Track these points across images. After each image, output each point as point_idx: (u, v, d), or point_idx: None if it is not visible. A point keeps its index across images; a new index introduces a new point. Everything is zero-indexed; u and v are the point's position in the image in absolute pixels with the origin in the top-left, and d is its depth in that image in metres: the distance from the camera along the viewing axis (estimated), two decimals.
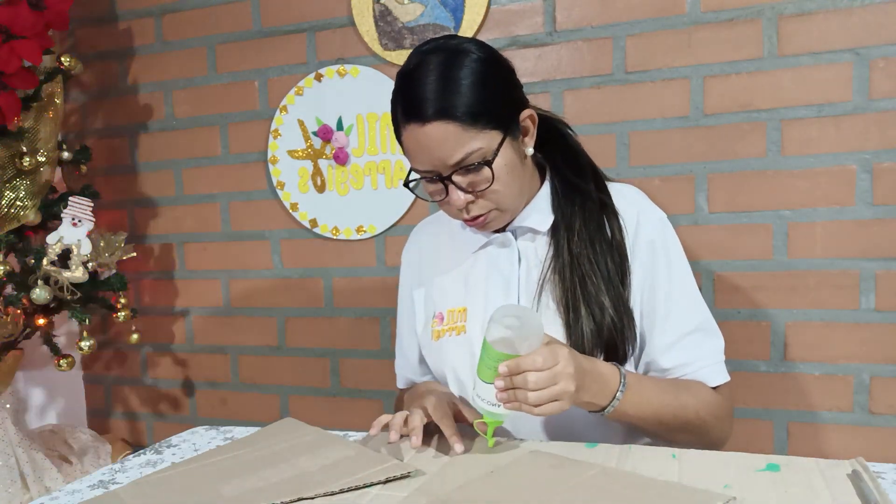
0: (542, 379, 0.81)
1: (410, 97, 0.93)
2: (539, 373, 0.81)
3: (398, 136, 0.98)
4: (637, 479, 0.76)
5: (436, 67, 0.92)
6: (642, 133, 1.53)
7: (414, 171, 0.98)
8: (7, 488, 1.67)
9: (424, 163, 0.95)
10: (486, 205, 0.97)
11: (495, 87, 0.94)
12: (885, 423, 1.42)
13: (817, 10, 1.40)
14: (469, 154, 0.92)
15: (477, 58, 0.94)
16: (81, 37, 2.02)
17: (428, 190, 1.00)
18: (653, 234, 1.01)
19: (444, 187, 0.96)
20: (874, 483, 0.71)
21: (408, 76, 0.95)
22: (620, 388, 0.90)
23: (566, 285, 0.98)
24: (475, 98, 0.91)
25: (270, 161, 1.84)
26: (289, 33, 1.80)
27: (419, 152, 0.94)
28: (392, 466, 0.84)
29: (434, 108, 0.90)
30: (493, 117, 0.93)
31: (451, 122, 0.90)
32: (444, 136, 0.91)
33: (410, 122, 0.93)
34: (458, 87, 0.91)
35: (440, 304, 1.09)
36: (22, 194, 1.74)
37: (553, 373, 0.82)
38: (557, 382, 0.82)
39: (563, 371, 0.82)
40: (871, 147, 1.39)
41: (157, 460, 0.99)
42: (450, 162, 0.92)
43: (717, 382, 1.00)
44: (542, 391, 0.81)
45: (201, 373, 2.01)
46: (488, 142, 0.93)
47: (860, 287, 1.41)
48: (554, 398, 0.82)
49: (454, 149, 0.91)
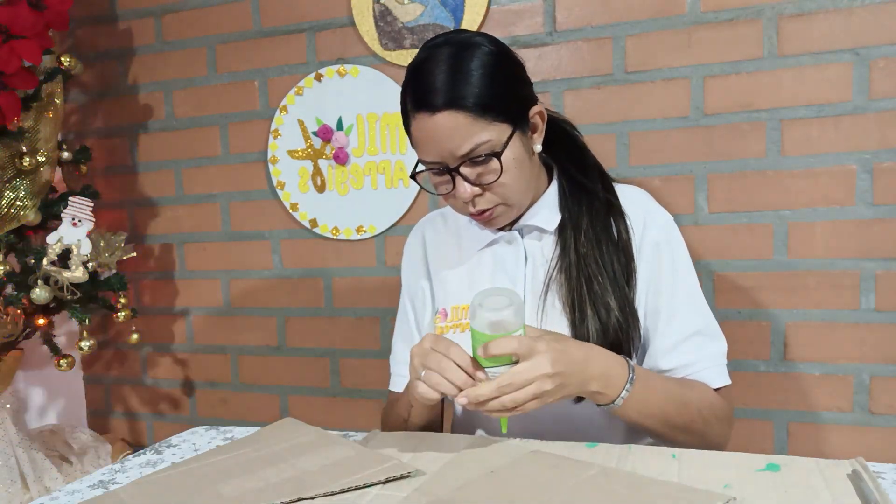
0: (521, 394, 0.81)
1: (420, 87, 0.93)
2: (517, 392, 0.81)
3: (407, 128, 0.97)
4: (637, 479, 0.76)
5: (446, 58, 0.92)
6: (642, 133, 1.53)
7: (421, 162, 0.97)
8: (7, 488, 1.67)
9: (432, 153, 0.94)
10: (493, 199, 0.97)
11: (505, 80, 0.94)
12: (885, 423, 1.42)
13: (817, 10, 1.40)
14: (478, 145, 0.91)
15: (488, 51, 0.94)
16: (81, 37, 2.02)
17: (434, 182, 0.99)
18: (659, 236, 1.01)
19: (451, 179, 0.95)
20: (874, 483, 0.71)
21: (418, 67, 0.95)
22: (629, 380, 0.89)
23: (572, 285, 0.98)
24: (485, 89, 0.91)
25: (270, 161, 1.84)
26: (289, 33, 1.80)
27: (428, 143, 0.94)
28: (392, 466, 0.84)
29: (444, 97, 0.90)
30: (503, 110, 0.93)
31: (460, 112, 0.90)
32: (453, 127, 0.91)
33: (420, 111, 0.92)
34: (468, 77, 0.91)
35: (444, 301, 1.08)
36: (22, 194, 1.74)
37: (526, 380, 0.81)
38: (532, 383, 0.81)
39: (539, 373, 0.82)
40: (871, 147, 1.39)
41: (157, 460, 0.99)
42: (458, 153, 0.92)
43: (719, 385, 1.00)
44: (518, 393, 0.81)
45: (201, 373, 2.01)
46: (497, 134, 0.92)
47: (860, 287, 1.41)
48: (531, 398, 0.82)
49: (463, 139, 0.91)
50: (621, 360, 0.91)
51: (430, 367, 0.85)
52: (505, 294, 0.84)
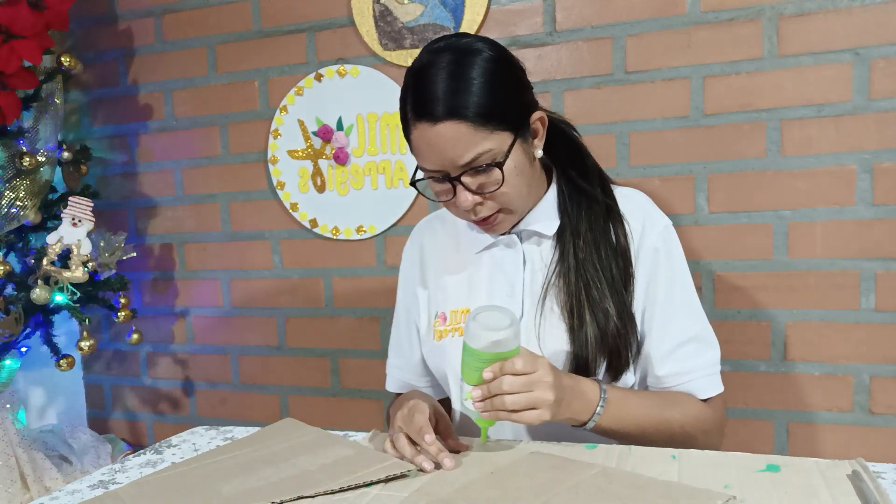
0: (518, 383, 0.82)
1: (421, 96, 0.92)
2: (516, 377, 0.82)
3: (407, 134, 0.97)
4: (637, 479, 0.76)
5: (447, 66, 0.91)
6: (642, 133, 1.53)
7: (421, 169, 0.97)
8: (7, 488, 1.67)
9: (433, 163, 0.94)
10: (494, 206, 0.96)
11: (507, 88, 0.94)
12: (885, 423, 1.42)
13: (817, 10, 1.40)
14: (480, 155, 0.91)
15: (489, 57, 0.93)
16: (81, 37, 2.02)
17: (435, 190, 0.99)
18: (657, 242, 1.01)
19: (451, 188, 0.95)
20: (874, 483, 0.71)
21: (418, 74, 0.94)
22: (600, 404, 0.91)
23: (571, 290, 0.98)
24: (487, 99, 0.90)
25: (270, 161, 1.84)
26: (289, 33, 1.80)
27: (429, 152, 0.93)
28: (392, 465, 0.84)
29: (445, 107, 0.89)
30: (505, 119, 0.92)
31: (462, 122, 0.89)
32: (455, 137, 0.90)
33: (421, 121, 0.92)
34: (469, 87, 0.90)
35: (443, 304, 1.08)
36: (22, 194, 1.74)
37: (530, 379, 0.83)
38: (533, 389, 0.82)
39: (541, 379, 0.83)
40: (871, 147, 1.39)
41: (157, 460, 0.99)
42: (459, 162, 0.91)
43: (710, 394, 1.00)
44: (519, 395, 0.82)
45: (201, 373, 2.01)
46: (499, 143, 0.92)
47: (860, 287, 1.41)
48: (531, 405, 0.83)
49: (465, 149, 0.91)
50: (594, 385, 0.93)
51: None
52: (503, 312, 0.84)
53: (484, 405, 0.84)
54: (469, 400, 0.86)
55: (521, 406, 0.82)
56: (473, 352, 0.84)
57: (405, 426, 0.89)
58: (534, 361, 0.84)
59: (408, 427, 0.89)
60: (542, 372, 0.83)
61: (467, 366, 0.85)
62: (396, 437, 0.89)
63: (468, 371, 0.85)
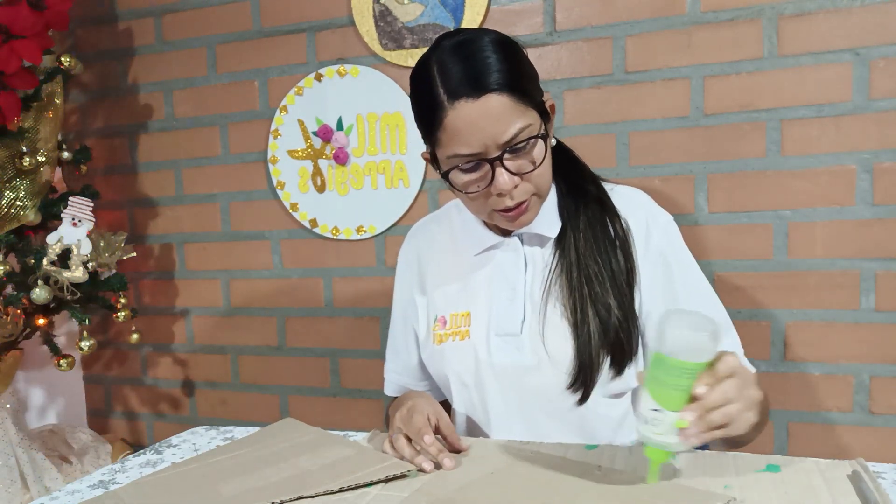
0: (734, 387, 0.70)
1: (457, 75, 0.89)
2: (732, 380, 0.70)
3: (437, 123, 0.91)
4: (637, 480, 0.76)
5: (473, 44, 0.91)
6: (642, 133, 1.53)
7: (454, 158, 0.92)
8: (7, 488, 1.67)
9: (473, 144, 0.90)
10: (528, 188, 0.94)
11: (529, 67, 0.95)
12: (885, 423, 1.42)
13: (817, 10, 1.40)
14: (521, 129, 0.89)
15: (506, 39, 0.94)
16: (81, 37, 2.02)
17: (462, 181, 0.94)
18: (663, 243, 1.01)
19: (489, 171, 0.91)
20: (874, 483, 0.71)
21: (444, 59, 0.91)
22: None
23: (573, 286, 0.97)
24: (518, 74, 0.91)
25: (270, 161, 1.84)
26: (289, 33, 1.80)
27: (469, 132, 0.89)
28: (392, 465, 0.84)
29: (487, 80, 0.88)
30: (533, 96, 0.92)
31: (504, 94, 0.88)
32: (499, 110, 0.88)
33: (459, 98, 0.88)
34: (501, 61, 0.89)
35: (442, 308, 1.07)
36: (22, 194, 1.74)
37: (742, 378, 0.71)
38: (738, 401, 0.70)
39: (743, 374, 0.72)
40: (871, 147, 1.39)
41: (157, 460, 0.99)
42: (501, 139, 0.89)
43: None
44: (732, 405, 0.69)
45: (201, 373, 2.01)
46: (534, 120, 0.92)
47: (860, 287, 1.41)
48: (746, 408, 0.71)
49: (508, 123, 0.89)
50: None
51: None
52: (700, 317, 0.70)
53: (699, 426, 0.69)
54: (647, 423, 0.70)
55: (735, 414, 0.70)
56: (678, 364, 0.68)
57: (404, 427, 0.89)
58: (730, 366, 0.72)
59: (407, 427, 0.89)
60: (737, 364, 0.72)
61: (662, 384, 0.69)
62: (396, 438, 0.89)
63: (667, 392, 0.69)
